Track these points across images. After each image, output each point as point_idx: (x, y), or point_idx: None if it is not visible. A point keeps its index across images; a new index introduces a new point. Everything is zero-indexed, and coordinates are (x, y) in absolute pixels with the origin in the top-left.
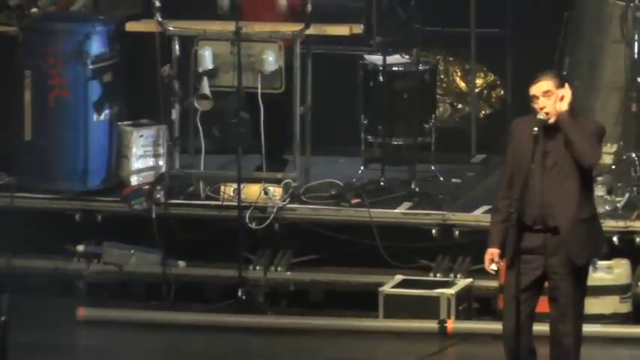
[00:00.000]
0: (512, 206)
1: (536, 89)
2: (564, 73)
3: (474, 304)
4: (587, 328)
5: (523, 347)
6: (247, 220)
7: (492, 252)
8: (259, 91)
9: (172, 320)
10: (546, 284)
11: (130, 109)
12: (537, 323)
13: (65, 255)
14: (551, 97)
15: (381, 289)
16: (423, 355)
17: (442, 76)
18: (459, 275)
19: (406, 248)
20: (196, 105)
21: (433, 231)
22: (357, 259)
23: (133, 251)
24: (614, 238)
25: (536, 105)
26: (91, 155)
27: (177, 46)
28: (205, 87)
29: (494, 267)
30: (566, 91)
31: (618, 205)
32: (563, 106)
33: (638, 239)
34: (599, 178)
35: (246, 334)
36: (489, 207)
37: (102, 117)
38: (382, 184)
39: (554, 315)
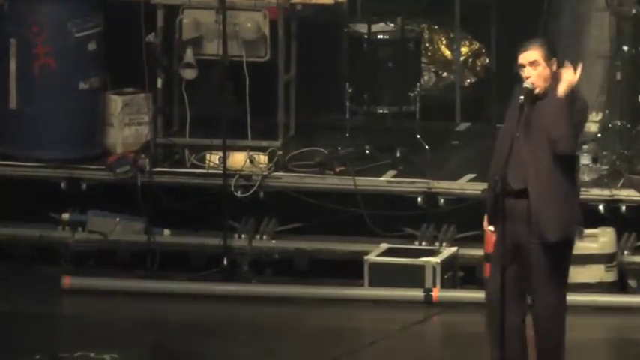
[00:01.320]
0: (496, 174)
1: (523, 58)
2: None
3: (459, 273)
4: (573, 297)
5: (506, 317)
6: (232, 189)
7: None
8: (244, 59)
9: (157, 289)
10: None
11: (115, 78)
12: None
13: (50, 223)
14: (537, 68)
15: (366, 257)
16: (408, 324)
17: (427, 45)
18: (444, 244)
19: (391, 216)
20: (181, 73)
21: (418, 199)
22: (342, 228)
23: (117, 219)
24: (600, 207)
25: (522, 73)
26: (76, 123)
27: (161, 15)
28: (190, 56)
29: (491, 228)
30: (551, 65)
31: (603, 173)
32: (561, 88)
33: (623, 208)
34: (585, 147)
35: (231, 303)
36: (474, 175)
37: (87, 85)
38: (367, 152)
39: (531, 286)
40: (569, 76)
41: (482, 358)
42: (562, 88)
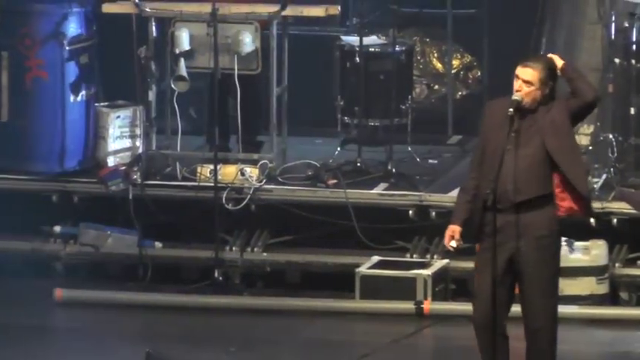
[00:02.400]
0: (484, 187)
1: (521, 72)
2: (541, 54)
3: (450, 285)
4: (564, 310)
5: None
6: (224, 201)
7: (454, 229)
8: (236, 72)
9: (149, 301)
10: None
11: (107, 91)
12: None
13: (42, 236)
14: (529, 87)
15: (357, 270)
16: (400, 336)
17: (419, 57)
18: (435, 256)
19: (383, 229)
20: (173, 86)
21: (410, 212)
22: (333, 240)
23: (109, 232)
24: (592, 219)
25: (515, 83)
26: (68, 136)
27: (153, 28)
28: (182, 68)
29: (453, 244)
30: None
31: (595, 186)
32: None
33: (614, 220)
34: None
35: (223, 315)
36: None
37: (79, 98)
38: (359, 165)
39: (522, 298)
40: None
41: None
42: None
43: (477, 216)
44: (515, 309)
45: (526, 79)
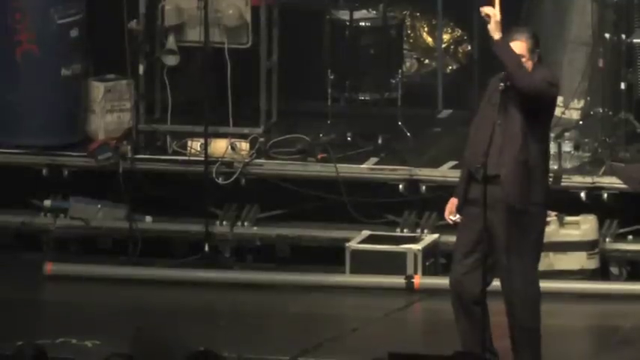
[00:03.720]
0: (474, 161)
1: None
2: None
3: (440, 260)
4: (555, 284)
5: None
6: (214, 175)
7: (453, 202)
8: (226, 46)
9: (139, 275)
10: None
11: (97, 64)
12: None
13: (32, 210)
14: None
15: (347, 244)
16: (390, 311)
17: (409, 32)
18: (425, 231)
19: (373, 203)
20: (163, 60)
21: (400, 186)
22: (323, 215)
23: (99, 206)
24: (582, 194)
25: None
26: (58, 110)
27: (143, 1)
28: (172, 42)
29: (452, 217)
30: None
31: (585, 160)
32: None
33: (605, 195)
34: (567, 134)
35: (213, 289)
36: (456, 162)
37: (69, 72)
38: (349, 139)
39: (501, 268)
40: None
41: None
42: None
43: (461, 187)
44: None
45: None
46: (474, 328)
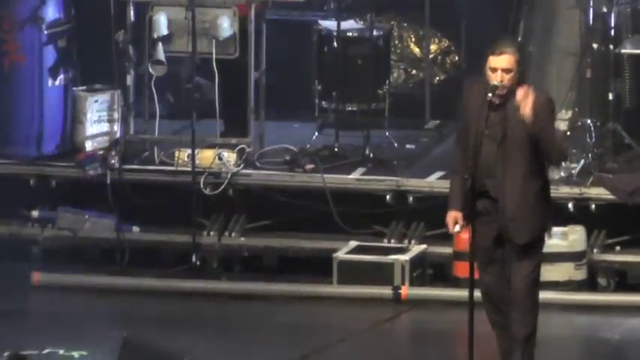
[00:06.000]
0: (466, 171)
1: (496, 62)
2: (519, 39)
3: (428, 270)
4: (543, 295)
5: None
6: (201, 186)
7: (456, 215)
8: (214, 56)
9: (126, 285)
10: None
11: (85, 75)
12: None
13: (20, 220)
14: (509, 74)
15: (335, 255)
16: (377, 321)
17: (396, 42)
18: (413, 241)
19: (360, 214)
20: (151, 70)
21: (387, 197)
22: (311, 225)
23: (87, 216)
24: (569, 205)
25: (493, 75)
26: (46, 120)
27: (131, 12)
28: (160, 52)
29: (457, 228)
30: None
31: (573, 171)
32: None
33: (592, 206)
34: None
35: (200, 300)
36: (443, 173)
37: (57, 82)
38: (336, 149)
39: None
40: (525, 96)
41: (451, 355)
42: (527, 110)
43: (467, 200)
44: None
45: (505, 67)
46: (510, 326)
